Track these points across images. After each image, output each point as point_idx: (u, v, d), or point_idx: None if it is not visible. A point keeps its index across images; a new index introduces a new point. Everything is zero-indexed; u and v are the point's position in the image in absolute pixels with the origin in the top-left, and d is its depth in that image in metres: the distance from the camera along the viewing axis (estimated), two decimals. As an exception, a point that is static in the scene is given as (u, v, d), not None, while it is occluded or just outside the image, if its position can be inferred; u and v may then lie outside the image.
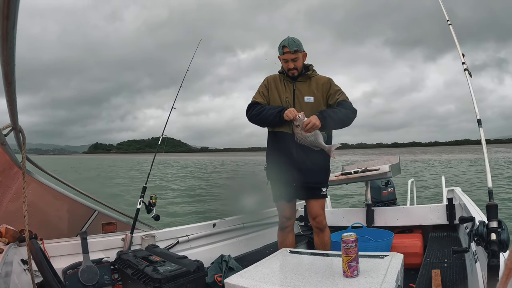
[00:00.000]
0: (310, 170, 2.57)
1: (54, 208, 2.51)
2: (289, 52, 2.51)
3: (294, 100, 2.59)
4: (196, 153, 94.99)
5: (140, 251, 2.42)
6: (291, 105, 2.58)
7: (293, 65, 2.55)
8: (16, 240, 2.03)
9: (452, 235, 3.16)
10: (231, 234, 3.37)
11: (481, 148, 1.65)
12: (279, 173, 2.64)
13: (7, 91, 1.20)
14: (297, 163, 2.55)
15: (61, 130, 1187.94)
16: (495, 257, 1.30)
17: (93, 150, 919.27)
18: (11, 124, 1.54)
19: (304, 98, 2.58)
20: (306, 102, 2.58)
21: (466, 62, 2.02)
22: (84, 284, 2.16)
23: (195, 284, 1.98)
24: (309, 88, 2.61)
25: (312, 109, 2.54)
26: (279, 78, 2.68)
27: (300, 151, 2.52)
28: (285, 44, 2.51)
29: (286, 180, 2.61)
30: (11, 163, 2.09)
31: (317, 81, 2.63)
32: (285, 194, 2.66)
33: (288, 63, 2.55)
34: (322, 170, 2.66)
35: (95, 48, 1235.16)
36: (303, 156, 2.53)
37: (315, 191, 2.63)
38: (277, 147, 2.63)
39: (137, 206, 2.73)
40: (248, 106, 2.68)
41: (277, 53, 2.60)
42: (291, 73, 2.59)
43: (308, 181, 2.60)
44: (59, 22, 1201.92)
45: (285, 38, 2.54)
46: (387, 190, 4.16)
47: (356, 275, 1.57)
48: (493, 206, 1.44)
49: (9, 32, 0.83)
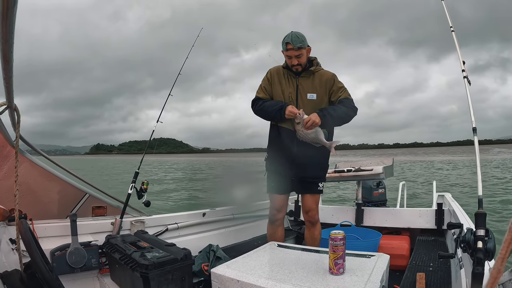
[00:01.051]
0: (309, 164, 2.60)
1: (45, 189, 2.50)
2: (292, 49, 2.47)
3: (297, 96, 2.59)
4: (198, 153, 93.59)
5: (129, 236, 2.43)
6: (294, 101, 2.58)
7: (297, 61, 2.52)
8: (6, 219, 2.03)
9: (439, 240, 3.19)
10: (221, 224, 3.38)
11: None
12: (278, 165, 2.66)
13: (4, 69, 1.19)
14: (296, 158, 2.58)
15: (63, 131, 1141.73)
16: (480, 265, 1.31)
17: (95, 151, 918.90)
18: (6, 102, 1.52)
19: (307, 95, 2.58)
20: (308, 100, 2.57)
21: (466, 70, 2.02)
22: (72, 266, 2.16)
23: (181, 271, 1.99)
24: (312, 84, 2.60)
25: (314, 106, 2.55)
26: (283, 72, 2.65)
27: (300, 146, 2.54)
28: (289, 40, 2.46)
29: (284, 173, 2.64)
30: (4, 141, 2.08)
31: (321, 76, 2.61)
32: (280, 186, 2.68)
33: (292, 59, 2.52)
34: (320, 165, 2.70)
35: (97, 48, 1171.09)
36: (303, 151, 2.54)
37: (312, 185, 2.66)
38: (278, 141, 2.65)
39: (128, 191, 2.72)
40: (252, 102, 2.71)
41: (281, 49, 2.57)
42: (295, 68, 2.57)
43: (306, 176, 2.63)
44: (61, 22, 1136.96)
45: (288, 33, 2.50)
46: (378, 191, 4.19)
47: (342, 272, 1.58)
48: (481, 214, 1.45)
49: (10, 9, 0.82)
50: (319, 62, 2.66)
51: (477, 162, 1.67)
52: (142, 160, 2.95)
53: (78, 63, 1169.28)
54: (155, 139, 3.10)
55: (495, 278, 0.47)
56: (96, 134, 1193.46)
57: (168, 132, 63.16)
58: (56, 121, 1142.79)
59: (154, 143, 3.15)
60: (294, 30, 2.49)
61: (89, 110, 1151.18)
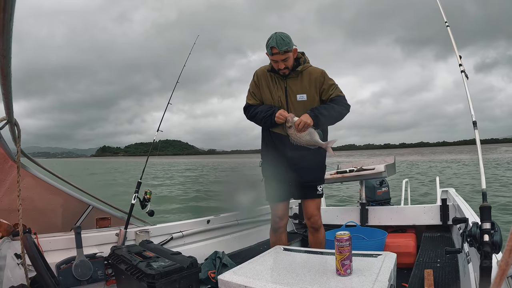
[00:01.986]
0: (305, 168, 2.52)
1: (49, 202, 2.50)
2: (278, 53, 2.31)
3: (286, 99, 2.48)
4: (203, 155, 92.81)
5: (134, 247, 2.42)
6: (284, 104, 2.48)
7: (283, 65, 2.38)
8: (10, 234, 2.03)
9: (445, 236, 3.18)
10: (225, 230, 3.38)
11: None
12: (274, 172, 2.59)
13: (3, 84, 1.19)
14: (292, 162, 2.50)
15: (69, 133, 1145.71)
16: (488, 258, 1.31)
17: (101, 153, 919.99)
18: (6, 117, 1.53)
19: (296, 96, 2.47)
20: (299, 101, 2.47)
21: (463, 64, 2.03)
22: (78, 279, 2.16)
23: (188, 280, 1.98)
24: (301, 84, 2.47)
25: (305, 107, 2.45)
26: (269, 75, 2.52)
27: (294, 150, 2.45)
28: (273, 44, 2.30)
29: (281, 179, 2.56)
30: (5, 156, 2.08)
31: (310, 75, 2.47)
32: (279, 193, 2.59)
33: (278, 64, 2.38)
34: (317, 168, 2.62)
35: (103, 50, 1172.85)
36: (298, 154, 2.46)
37: (310, 190, 2.58)
38: (271, 146, 2.57)
39: (132, 201, 2.72)
40: (244, 109, 2.63)
41: (265, 51, 2.41)
42: (282, 72, 2.44)
43: (304, 180, 2.54)
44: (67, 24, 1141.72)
45: (272, 35, 2.34)
46: (381, 190, 4.17)
47: (349, 273, 1.57)
48: (486, 208, 1.45)
49: (6, 25, 0.82)
50: (306, 58, 2.53)
51: (479, 155, 1.67)
52: (144, 170, 2.95)
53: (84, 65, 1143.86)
54: (161, 141, 3.10)
55: (504, 270, 0.47)
56: (102, 136, 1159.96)
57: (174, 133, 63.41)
58: (62, 123, 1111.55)
59: (157, 145, 3.15)
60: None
61: (95, 113, 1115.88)
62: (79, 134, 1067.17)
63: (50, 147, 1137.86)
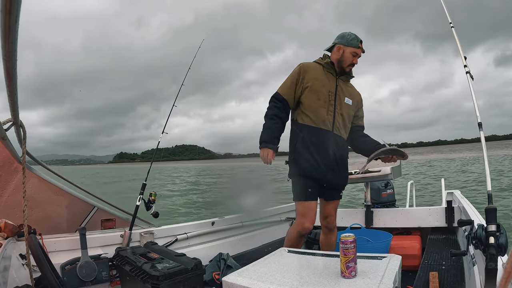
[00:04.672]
0: (341, 171, 2.51)
1: (54, 203, 2.51)
2: (361, 48, 2.46)
3: (336, 96, 2.46)
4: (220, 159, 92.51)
5: (139, 248, 2.43)
6: (332, 101, 2.45)
7: (357, 61, 2.48)
8: (15, 234, 2.04)
9: (451, 238, 3.16)
10: (230, 232, 3.37)
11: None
12: (311, 170, 2.44)
13: (9, 86, 1.20)
14: (331, 163, 2.44)
15: (87, 141, 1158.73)
16: (493, 260, 1.30)
17: (118, 159, 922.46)
18: (12, 119, 1.54)
19: (345, 98, 2.49)
20: (345, 104, 2.49)
21: (468, 65, 2.02)
22: (82, 280, 2.16)
23: (193, 281, 1.98)
24: (348, 90, 2.55)
25: (348, 112, 2.50)
26: (322, 68, 2.51)
27: (336, 150, 2.43)
28: (361, 39, 2.45)
29: (317, 179, 2.46)
30: (11, 158, 2.09)
31: (353, 90, 2.59)
32: (313, 192, 2.48)
33: (355, 58, 2.46)
34: (347, 172, 2.61)
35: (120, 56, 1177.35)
36: (338, 156, 2.45)
37: (338, 192, 2.58)
38: (311, 142, 2.44)
39: (137, 203, 2.73)
40: (271, 98, 2.54)
41: (341, 43, 2.46)
42: (349, 68, 2.49)
43: (338, 182, 2.54)
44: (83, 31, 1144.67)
45: (349, 32, 2.47)
46: (386, 192, 4.16)
47: (354, 276, 1.56)
48: (492, 210, 1.43)
49: (12, 27, 0.83)
50: None
51: (485, 157, 1.66)
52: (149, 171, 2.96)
53: (101, 71, 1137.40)
54: (177, 146, 3.10)
55: (510, 272, 0.47)
56: (120, 143, 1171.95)
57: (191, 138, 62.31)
58: (80, 131, 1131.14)
59: (176, 150, 3.16)
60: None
61: (112, 119, 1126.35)
62: (97, 141, 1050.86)
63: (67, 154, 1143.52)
